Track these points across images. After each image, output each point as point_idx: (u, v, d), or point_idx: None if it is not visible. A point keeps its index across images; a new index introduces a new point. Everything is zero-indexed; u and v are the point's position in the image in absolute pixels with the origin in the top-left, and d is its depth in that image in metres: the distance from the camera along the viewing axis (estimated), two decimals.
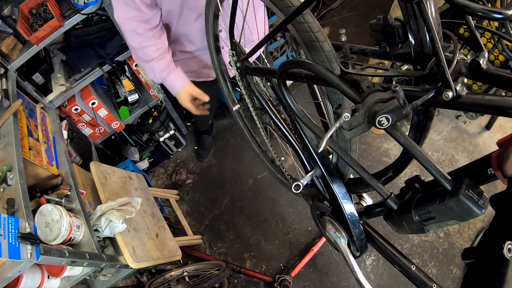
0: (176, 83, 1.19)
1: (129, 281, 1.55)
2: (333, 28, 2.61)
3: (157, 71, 1.13)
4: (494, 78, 0.45)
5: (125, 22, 1.04)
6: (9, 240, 0.78)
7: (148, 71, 1.16)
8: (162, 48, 1.11)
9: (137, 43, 1.07)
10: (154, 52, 1.10)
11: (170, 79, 1.17)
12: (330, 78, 0.56)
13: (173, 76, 1.16)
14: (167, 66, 1.14)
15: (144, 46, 1.07)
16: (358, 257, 0.84)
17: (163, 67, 1.13)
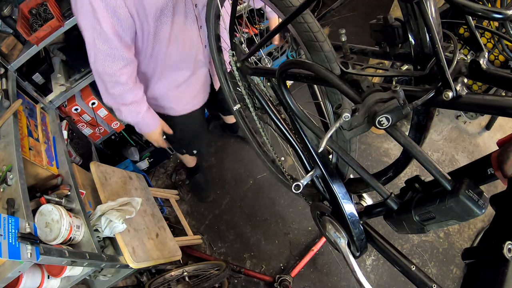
0: (151, 123, 1.19)
1: (129, 281, 1.55)
2: (333, 28, 2.61)
3: (135, 113, 1.12)
4: (494, 78, 0.45)
5: (108, 74, 0.99)
6: (9, 240, 0.78)
7: (123, 113, 1.12)
8: (140, 91, 1.10)
9: (118, 91, 1.03)
10: (134, 97, 1.08)
11: (146, 120, 1.17)
12: (330, 78, 0.56)
13: (149, 116, 1.16)
14: (144, 108, 1.13)
15: (124, 93, 1.04)
16: (358, 257, 0.84)
17: (139, 109, 1.12)
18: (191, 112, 1.34)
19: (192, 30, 1.06)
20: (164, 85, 1.18)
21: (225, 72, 1.24)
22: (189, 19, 1.02)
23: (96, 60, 0.96)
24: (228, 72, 1.25)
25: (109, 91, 1.03)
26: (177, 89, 1.21)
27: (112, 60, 0.95)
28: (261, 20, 1.91)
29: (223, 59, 1.19)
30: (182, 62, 1.13)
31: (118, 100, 1.06)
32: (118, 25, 0.89)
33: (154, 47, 1.02)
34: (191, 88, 1.25)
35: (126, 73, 1.00)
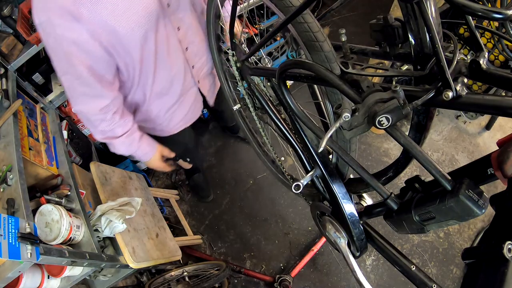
0: (147, 150, 1.13)
1: (129, 281, 1.55)
2: (333, 28, 2.61)
3: (128, 144, 1.05)
4: (494, 78, 0.45)
5: (93, 114, 0.93)
6: (9, 240, 0.78)
7: (116, 147, 1.05)
8: (130, 122, 1.03)
9: (107, 127, 0.97)
10: (124, 128, 1.01)
11: (142, 149, 1.10)
12: (330, 78, 0.56)
13: (144, 144, 1.10)
14: (137, 137, 1.06)
15: (113, 128, 0.98)
16: (358, 257, 0.84)
17: (132, 140, 1.05)
18: (182, 130, 1.30)
19: (177, 55, 1.01)
20: (153, 109, 1.13)
21: (225, 72, 1.24)
22: (172, 45, 0.97)
23: (78, 102, 0.91)
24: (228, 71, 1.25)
25: (97, 128, 0.98)
26: (167, 112, 1.17)
27: (94, 100, 0.90)
28: (261, 20, 1.91)
29: (223, 59, 1.19)
30: (170, 87, 1.07)
31: (108, 135, 1.00)
32: (96, 66, 0.84)
33: (140, 77, 0.97)
34: (181, 109, 1.20)
35: (112, 110, 0.94)
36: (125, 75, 0.95)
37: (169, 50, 0.96)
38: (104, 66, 0.86)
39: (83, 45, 0.78)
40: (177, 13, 0.93)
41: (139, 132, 1.07)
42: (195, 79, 1.16)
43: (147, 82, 1.00)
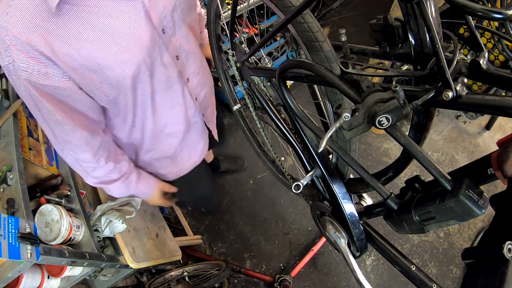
0: (146, 190, 1.00)
1: (129, 281, 1.56)
2: (333, 28, 2.61)
3: (124, 188, 0.92)
4: (494, 78, 0.45)
5: (83, 161, 0.81)
6: (9, 240, 0.78)
7: (112, 191, 0.92)
8: (126, 162, 0.91)
9: (100, 173, 0.85)
10: (120, 172, 0.89)
11: (140, 189, 0.97)
12: (330, 78, 0.56)
13: (142, 184, 0.97)
14: (134, 179, 0.94)
15: (107, 173, 0.86)
16: (358, 257, 0.84)
17: (128, 182, 0.92)
18: (190, 171, 1.12)
19: (177, 88, 0.84)
20: (156, 153, 0.98)
21: (225, 72, 1.24)
22: (172, 78, 0.80)
23: (65, 152, 0.78)
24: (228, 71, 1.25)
25: (90, 175, 0.85)
26: (173, 153, 1.02)
27: (82, 149, 0.77)
28: (261, 20, 1.91)
29: (224, 59, 1.19)
30: (172, 125, 0.92)
31: (102, 180, 0.87)
32: (77, 110, 0.71)
33: (135, 118, 0.83)
34: (188, 146, 1.03)
35: (103, 155, 0.82)
36: (116, 117, 0.82)
37: (169, 87, 0.81)
38: (87, 108, 0.72)
39: (56, 90, 0.64)
40: (174, 40, 0.76)
41: (135, 172, 0.94)
42: (200, 112, 0.99)
43: (145, 122, 0.85)
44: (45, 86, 0.62)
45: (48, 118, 0.69)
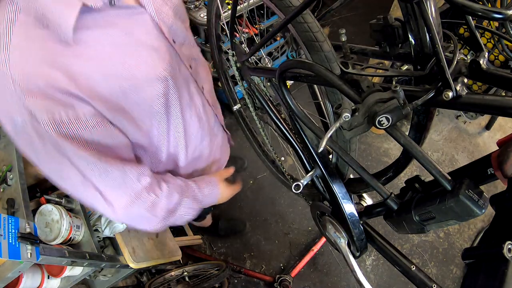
0: (212, 187, 0.85)
1: (129, 281, 1.56)
2: (333, 28, 2.61)
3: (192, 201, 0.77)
4: (494, 78, 0.45)
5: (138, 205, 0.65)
6: (9, 240, 0.78)
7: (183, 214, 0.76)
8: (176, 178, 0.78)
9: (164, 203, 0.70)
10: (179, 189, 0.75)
11: (206, 191, 0.83)
12: (330, 78, 0.56)
13: (203, 185, 0.82)
14: (194, 184, 0.80)
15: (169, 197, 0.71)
16: (358, 257, 0.84)
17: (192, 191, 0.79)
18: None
19: (198, 101, 0.78)
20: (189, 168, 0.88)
21: (225, 72, 1.24)
22: (192, 91, 0.75)
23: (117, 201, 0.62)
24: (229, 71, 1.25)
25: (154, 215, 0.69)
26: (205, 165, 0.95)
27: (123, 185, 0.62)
28: (261, 20, 1.91)
29: (224, 59, 1.19)
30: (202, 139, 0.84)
31: (168, 207, 0.72)
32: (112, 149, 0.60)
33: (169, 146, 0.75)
34: (213, 155, 0.97)
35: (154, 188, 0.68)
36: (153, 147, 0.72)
37: (191, 99, 0.75)
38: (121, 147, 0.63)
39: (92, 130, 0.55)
40: (184, 49, 0.72)
41: (192, 184, 0.80)
42: (220, 119, 0.94)
43: (179, 142, 0.76)
44: (78, 132, 0.53)
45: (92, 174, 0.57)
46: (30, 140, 0.52)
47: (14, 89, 0.48)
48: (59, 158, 0.54)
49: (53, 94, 0.49)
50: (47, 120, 0.50)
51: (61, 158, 0.54)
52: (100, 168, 0.58)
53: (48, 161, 0.56)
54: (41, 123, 0.50)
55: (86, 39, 0.53)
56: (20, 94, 0.48)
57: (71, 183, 0.59)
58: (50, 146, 0.53)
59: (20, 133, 0.52)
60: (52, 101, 0.49)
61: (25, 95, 0.48)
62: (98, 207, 0.63)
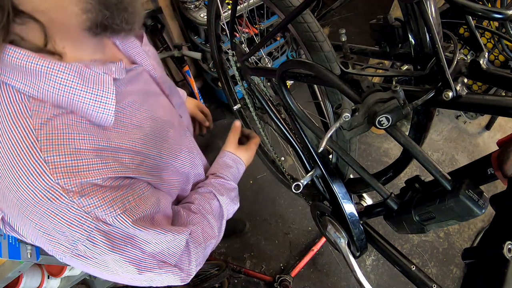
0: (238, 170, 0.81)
1: None
2: (333, 28, 2.61)
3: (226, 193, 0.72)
4: (494, 78, 0.45)
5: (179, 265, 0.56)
6: (9, 240, 0.78)
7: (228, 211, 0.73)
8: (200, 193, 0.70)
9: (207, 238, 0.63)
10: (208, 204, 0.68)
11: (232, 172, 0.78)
12: (330, 78, 0.56)
13: (225, 171, 0.77)
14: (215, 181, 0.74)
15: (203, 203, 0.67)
16: (358, 257, 0.84)
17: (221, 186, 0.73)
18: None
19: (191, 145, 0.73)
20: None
21: (225, 72, 1.24)
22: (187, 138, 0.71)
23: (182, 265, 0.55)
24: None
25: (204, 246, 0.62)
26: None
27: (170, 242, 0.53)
28: (261, 20, 1.91)
29: (224, 59, 1.19)
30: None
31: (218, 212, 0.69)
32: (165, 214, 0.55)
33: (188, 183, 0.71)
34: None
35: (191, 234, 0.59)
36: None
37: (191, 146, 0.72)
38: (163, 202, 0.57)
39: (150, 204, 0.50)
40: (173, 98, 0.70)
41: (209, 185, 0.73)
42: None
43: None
44: (146, 210, 0.48)
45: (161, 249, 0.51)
46: (96, 253, 0.44)
47: (70, 201, 0.39)
48: (130, 251, 0.47)
49: (113, 184, 0.44)
50: (120, 212, 0.43)
51: (132, 249, 0.47)
52: (168, 240, 0.51)
53: (117, 262, 0.46)
54: (113, 220, 0.43)
55: (118, 115, 0.48)
56: (78, 202, 0.40)
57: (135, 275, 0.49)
58: (120, 244, 0.45)
59: (84, 254, 0.43)
60: (117, 191, 0.44)
61: (85, 198, 0.40)
62: (168, 281, 0.54)
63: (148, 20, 1.75)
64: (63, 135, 0.40)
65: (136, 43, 0.60)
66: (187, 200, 0.68)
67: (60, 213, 0.39)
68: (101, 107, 0.44)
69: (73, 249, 0.42)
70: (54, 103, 0.41)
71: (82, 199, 0.40)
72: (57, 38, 0.42)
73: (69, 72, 0.41)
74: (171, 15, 1.86)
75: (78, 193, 0.39)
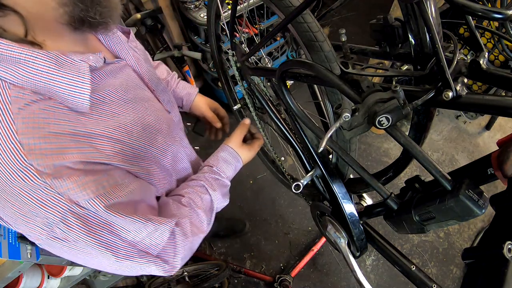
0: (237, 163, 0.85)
1: (129, 281, 1.56)
2: (333, 28, 2.61)
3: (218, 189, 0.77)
4: (494, 78, 0.45)
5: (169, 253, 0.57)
6: (9, 240, 0.78)
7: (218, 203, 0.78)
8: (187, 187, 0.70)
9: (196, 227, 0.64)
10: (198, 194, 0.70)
11: (227, 170, 0.83)
12: (330, 78, 0.56)
13: (223, 165, 0.81)
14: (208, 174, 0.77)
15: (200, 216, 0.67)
16: (358, 257, 0.84)
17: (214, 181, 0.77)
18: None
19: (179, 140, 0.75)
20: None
21: (225, 72, 1.24)
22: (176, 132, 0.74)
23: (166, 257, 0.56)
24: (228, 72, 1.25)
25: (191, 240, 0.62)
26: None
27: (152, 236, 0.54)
28: (261, 20, 1.91)
29: (224, 59, 1.19)
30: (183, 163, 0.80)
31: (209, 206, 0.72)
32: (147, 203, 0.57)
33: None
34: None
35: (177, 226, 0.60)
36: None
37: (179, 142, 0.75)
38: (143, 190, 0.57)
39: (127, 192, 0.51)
40: (161, 96, 0.72)
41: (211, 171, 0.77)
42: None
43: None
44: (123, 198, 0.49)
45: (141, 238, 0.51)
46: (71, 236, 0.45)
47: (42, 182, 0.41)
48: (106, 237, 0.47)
49: (87, 168, 0.45)
50: (93, 196, 0.44)
51: (109, 235, 0.48)
52: (149, 230, 0.52)
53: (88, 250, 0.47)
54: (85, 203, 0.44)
55: (94, 103, 0.49)
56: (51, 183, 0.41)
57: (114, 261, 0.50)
58: (96, 229, 0.46)
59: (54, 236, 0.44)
60: (91, 175, 0.45)
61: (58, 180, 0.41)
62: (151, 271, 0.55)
63: (148, 20, 1.75)
64: (39, 119, 0.41)
65: (121, 39, 0.63)
66: (178, 192, 0.68)
67: (34, 194, 0.41)
68: (76, 91, 0.45)
69: (49, 231, 0.43)
70: (33, 90, 0.43)
71: (55, 180, 0.41)
72: (37, 30, 0.45)
73: (46, 59, 0.43)
74: (171, 15, 1.86)
75: (51, 175, 0.41)
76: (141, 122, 0.58)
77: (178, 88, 0.97)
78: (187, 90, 0.98)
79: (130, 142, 0.54)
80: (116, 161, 0.50)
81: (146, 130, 0.58)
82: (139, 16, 1.66)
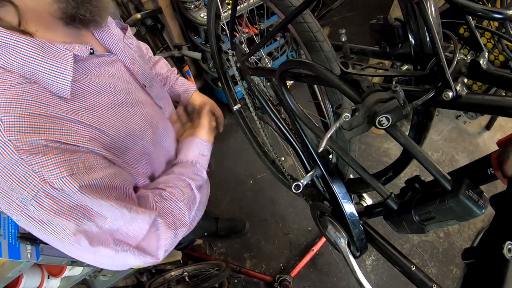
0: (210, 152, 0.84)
1: (129, 281, 1.56)
2: (333, 28, 2.61)
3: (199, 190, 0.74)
4: (494, 78, 0.45)
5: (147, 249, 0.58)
6: (9, 240, 0.78)
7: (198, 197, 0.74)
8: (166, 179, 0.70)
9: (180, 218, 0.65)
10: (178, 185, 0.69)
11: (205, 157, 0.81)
12: (330, 78, 0.56)
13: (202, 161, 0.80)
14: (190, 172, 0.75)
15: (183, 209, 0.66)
16: (358, 257, 0.84)
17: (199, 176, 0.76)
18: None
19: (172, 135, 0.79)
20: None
21: (225, 72, 1.24)
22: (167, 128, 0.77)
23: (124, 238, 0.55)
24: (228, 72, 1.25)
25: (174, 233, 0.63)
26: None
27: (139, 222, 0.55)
28: (261, 20, 1.91)
29: (224, 59, 1.19)
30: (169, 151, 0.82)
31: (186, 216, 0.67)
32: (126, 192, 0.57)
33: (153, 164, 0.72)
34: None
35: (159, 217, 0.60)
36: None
37: (169, 136, 0.78)
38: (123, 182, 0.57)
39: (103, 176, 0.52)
40: (155, 92, 0.74)
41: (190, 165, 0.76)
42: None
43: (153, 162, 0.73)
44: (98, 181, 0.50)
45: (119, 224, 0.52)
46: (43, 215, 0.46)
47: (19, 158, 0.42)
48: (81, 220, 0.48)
49: (63, 147, 0.46)
50: (67, 175, 0.45)
51: (84, 220, 0.48)
52: (126, 219, 0.52)
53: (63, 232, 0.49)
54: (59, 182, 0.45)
55: (78, 91, 0.52)
56: (27, 159, 0.43)
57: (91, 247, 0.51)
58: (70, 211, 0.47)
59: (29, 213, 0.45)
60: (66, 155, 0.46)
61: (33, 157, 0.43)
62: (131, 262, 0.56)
63: (148, 20, 1.75)
64: (21, 100, 0.44)
65: (117, 35, 0.65)
66: (159, 185, 0.68)
67: (10, 169, 0.43)
68: (58, 77, 0.48)
69: (23, 208, 0.45)
70: (20, 74, 0.46)
71: (30, 157, 0.43)
72: (30, 21, 0.48)
73: (32, 45, 0.46)
74: (171, 15, 1.86)
75: (28, 151, 0.43)
76: (123, 128, 0.58)
77: (176, 84, 0.98)
78: (185, 87, 0.99)
79: (112, 133, 0.56)
80: (93, 146, 0.51)
81: (127, 136, 0.59)
82: (139, 16, 1.66)
